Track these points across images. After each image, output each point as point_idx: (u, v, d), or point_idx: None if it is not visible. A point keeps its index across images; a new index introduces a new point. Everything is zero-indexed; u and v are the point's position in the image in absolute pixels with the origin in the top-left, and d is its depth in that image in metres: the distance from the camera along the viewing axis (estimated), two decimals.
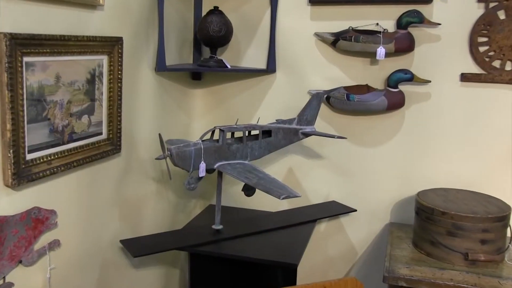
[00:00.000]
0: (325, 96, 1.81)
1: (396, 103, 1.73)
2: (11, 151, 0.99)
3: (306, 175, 1.95)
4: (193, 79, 1.97)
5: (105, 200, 1.44)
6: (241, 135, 1.55)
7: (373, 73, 1.80)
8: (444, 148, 1.77)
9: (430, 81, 1.72)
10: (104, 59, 1.33)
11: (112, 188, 1.46)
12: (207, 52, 1.86)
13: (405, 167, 1.83)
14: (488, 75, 1.66)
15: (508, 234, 1.45)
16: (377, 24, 1.71)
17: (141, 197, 1.64)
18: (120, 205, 1.52)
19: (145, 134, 1.62)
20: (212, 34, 1.72)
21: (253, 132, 1.64)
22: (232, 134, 1.61)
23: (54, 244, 1.17)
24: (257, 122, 1.66)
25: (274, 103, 1.93)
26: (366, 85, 1.79)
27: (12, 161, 0.99)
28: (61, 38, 1.12)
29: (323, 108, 1.86)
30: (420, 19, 1.64)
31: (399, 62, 1.76)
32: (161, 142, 1.44)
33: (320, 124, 1.84)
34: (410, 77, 1.71)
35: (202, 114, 2.03)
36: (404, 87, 1.76)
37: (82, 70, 1.25)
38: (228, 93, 1.99)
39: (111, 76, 1.36)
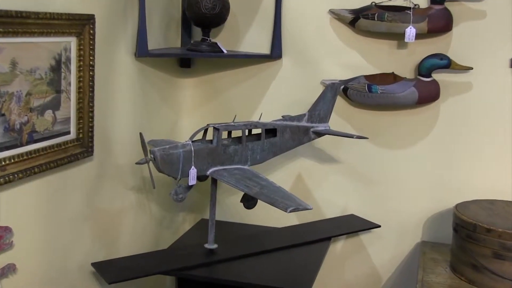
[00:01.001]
0: (342, 87, 1.79)
1: (428, 95, 1.72)
2: None
3: (318, 183, 1.94)
4: (181, 66, 1.96)
5: (74, 214, 1.42)
6: (240, 134, 1.54)
7: (400, 59, 1.78)
8: (488, 151, 1.75)
9: (471, 68, 1.70)
10: (72, 41, 1.30)
11: (82, 200, 1.45)
12: (199, 34, 1.84)
13: (440, 174, 1.81)
14: None
15: None
16: None
17: (117, 210, 1.63)
18: (92, 220, 1.50)
19: (123, 133, 1.61)
20: (204, 11, 1.70)
21: (254, 131, 1.62)
22: (229, 133, 1.60)
23: (8, 269, 1.13)
24: (259, 119, 1.65)
25: (279, 95, 1.92)
26: (392, 73, 1.78)
27: None
28: (17, 15, 1.08)
29: (340, 102, 1.84)
30: None
31: (433, 45, 1.73)
32: (142, 143, 1.43)
33: (335, 122, 1.82)
34: (446, 64, 1.69)
35: (192, 109, 2.01)
36: (439, 76, 1.73)
37: (44, 55, 1.22)
38: (224, 83, 1.97)
39: (81, 63, 1.34)
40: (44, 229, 1.31)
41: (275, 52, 1.84)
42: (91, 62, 1.36)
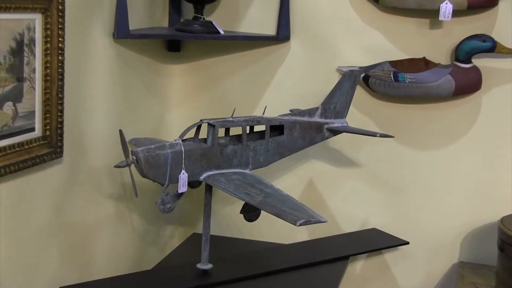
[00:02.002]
0: (363, 75, 1.79)
1: (468, 85, 1.72)
2: None
3: (334, 190, 1.94)
4: (169, 50, 1.96)
5: (39, 228, 1.41)
6: (240, 132, 1.53)
7: (434, 41, 1.78)
8: None
9: None
10: (37, 19, 1.29)
11: (49, 210, 1.44)
12: (190, 11, 1.84)
13: (482, 180, 1.81)
14: None
15: None
16: None
17: (92, 223, 1.62)
18: (61, 235, 1.49)
19: (99, 130, 1.60)
20: None
21: (257, 128, 1.62)
22: (227, 130, 1.59)
23: None
24: (263, 114, 1.64)
25: (287, 85, 1.92)
26: (423, 58, 1.77)
27: None
28: None
29: (360, 93, 1.84)
30: None
31: (473, 24, 1.73)
32: (122, 142, 1.43)
33: (354, 117, 1.82)
34: (490, 47, 1.68)
35: (182, 101, 2.01)
36: (480, 62, 1.73)
37: (2, 35, 1.21)
38: (220, 70, 1.97)
39: (48, 45, 1.33)
40: (3, 246, 1.30)
41: (282, 33, 1.84)
42: (60, 45, 1.35)
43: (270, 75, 1.92)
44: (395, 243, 1.85)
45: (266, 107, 1.67)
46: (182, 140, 1.45)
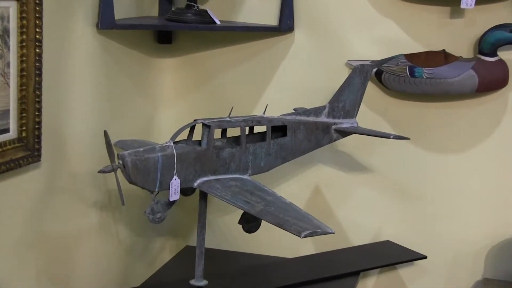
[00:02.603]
0: (375, 70, 1.80)
1: (493, 80, 1.72)
2: None
3: (342, 198, 1.95)
4: (159, 42, 1.97)
5: (14, 240, 1.41)
6: (238, 133, 1.54)
7: (454, 32, 1.79)
8: None
9: None
10: (11, 7, 1.29)
11: (25, 220, 1.44)
12: None
13: (509, 188, 1.81)
14: None
15: None
16: None
17: (73, 234, 1.62)
18: (39, 248, 1.49)
19: (82, 131, 1.61)
20: None
21: (257, 129, 1.62)
22: (223, 132, 1.60)
23: None
24: (264, 113, 1.64)
25: (291, 81, 1.93)
26: (443, 51, 1.78)
27: None
28: None
29: (372, 89, 1.85)
30: None
31: (499, 13, 1.73)
32: (107, 144, 1.43)
33: (366, 116, 1.82)
34: None
35: (174, 98, 2.02)
36: (507, 54, 1.73)
37: None
38: (216, 65, 1.98)
39: (24, 36, 1.33)
40: None
41: (285, 24, 1.84)
42: (37, 36, 1.35)
43: (272, 70, 1.93)
44: (411, 257, 1.85)
45: (267, 105, 1.67)
46: (174, 143, 1.45)
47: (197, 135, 1.52)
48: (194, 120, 1.52)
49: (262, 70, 1.93)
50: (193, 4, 1.77)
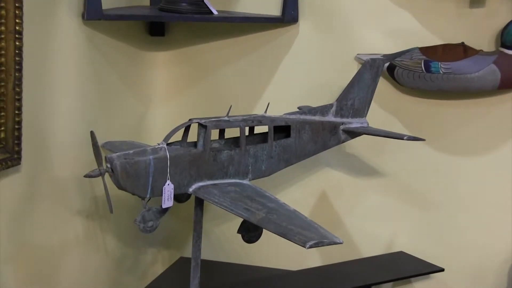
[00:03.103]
0: (387, 65, 1.81)
1: None
2: None
3: (352, 205, 1.96)
4: (151, 34, 1.98)
5: None
6: (238, 134, 1.54)
7: (474, 23, 1.79)
8: None
9: None
10: None
11: (4, 229, 1.44)
12: None
13: None
14: None
15: None
16: None
17: (57, 244, 1.63)
18: (19, 260, 1.50)
19: (66, 132, 1.62)
20: None
21: (258, 130, 1.63)
22: (221, 132, 1.61)
23: None
24: (265, 112, 1.64)
25: (295, 77, 1.94)
26: (462, 44, 1.78)
27: None
28: None
29: (384, 86, 1.86)
30: None
31: None
32: (94, 146, 1.43)
33: (377, 115, 1.83)
34: None
35: (167, 96, 2.03)
36: None
37: None
38: (213, 59, 1.99)
39: (2, 28, 1.32)
40: None
41: (289, 14, 1.85)
42: (17, 27, 1.35)
43: (274, 65, 1.93)
44: (427, 269, 1.85)
45: (269, 104, 1.67)
46: (167, 144, 1.46)
47: (192, 136, 1.53)
48: (189, 120, 1.52)
49: (264, 65, 1.94)
50: None
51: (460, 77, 1.73)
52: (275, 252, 1.93)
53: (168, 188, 1.43)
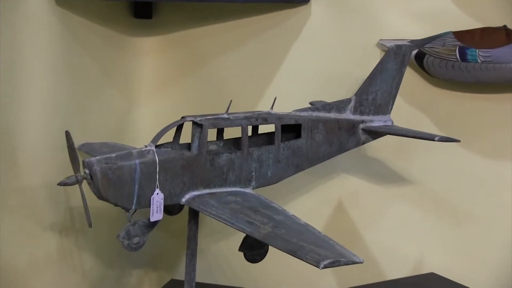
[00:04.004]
0: (415, 52, 1.81)
1: None
2: None
3: (373, 217, 1.97)
4: (136, 16, 1.99)
5: None
6: (239, 134, 1.54)
7: None
8: None
9: None
10: None
11: None
12: None
13: None
14: None
15: None
16: None
17: (27, 264, 1.63)
18: None
19: (37, 134, 1.62)
20: None
21: (263, 129, 1.63)
22: (220, 132, 1.61)
23: None
24: (272, 108, 1.65)
25: (306, 67, 1.94)
26: (504, 28, 1.78)
27: None
28: None
29: (410, 77, 1.86)
30: None
31: None
32: (70, 149, 1.42)
33: (403, 112, 1.83)
34: None
35: (154, 89, 2.04)
36: None
37: None
38: (209, 46, 2.00)
39: None
40: None
41: None
42: None
43: (282, 52, 1.94)
44: None
45: (275, 98, 1.67)
46: (156, 146, 1.46)
47: (185, 137, 1.53)
48: (182, 118, 1.52)
49: (269, 52, 1.94)
50: None
51: (501, 67, 1.73)
52: (283, 274, 1.93)
53: (157, 198, 1.44)
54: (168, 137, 1.51)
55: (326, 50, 1.91)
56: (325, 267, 1.26)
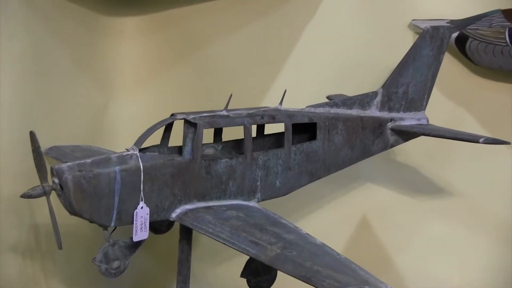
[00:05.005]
0: (455, 35, 1.82)
1: None
2: None
3: (405, 236, 1.97)
4: None
5: None
6: (241, 136, 1.54)
7: None
8: None
9: None
10: None
11: None
12: None
13: None
14: None
15: None
16: None
17: None
18: None
19: None
20: None
21: (270, 129, 1.64)
22: (217, 133, 1.62)
23: None
24: (281, 104, 1.65)
25: (322, 53, 1.95)
26: None
27: None
28: None
29: (450, 65, 1.86)
30: None
31: None
32: (35, 153, 1.43)
33: (440, 108, 1.84)
34: None
35: (137, 81, 2.05)
36: None
37: None
38: (204, 28, 2.00)
39: None
40: None
41: None
42: None
43: (293, 36, 1.94)
44: None
45: (285, 91, 1.67)
46: (140, 150, 1.46)
47: (176, 139, 1.54)
48: (172, 115, 1.52)
49: (278, 35, 1.95)
50: None
51: None
52: None
53: (142, 213, 1.44)
54: (155, 139, 1.52)
55: (347, 33, 1.92)
56: None
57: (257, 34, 1.97)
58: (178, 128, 1.53)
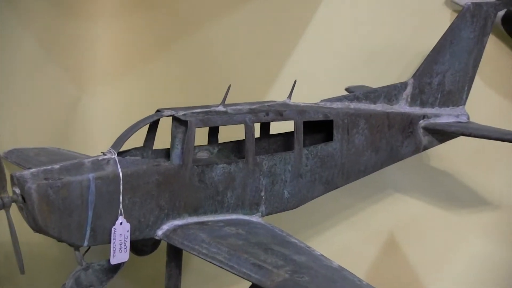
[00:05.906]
0: (502, 14, 1.83)
1: None
2: None
3: (441, 257, 1.99)
4: None
5: None
6: (241, 136, 1.55)
7: None
8: None
9: None
10: None
11: None
12: None
13: None
14: None
15: None
16: None
17: None
18: None
19: None
20: None
21: (276, 128, 1.65)
22: (213, 133, 1.64)
23: None
24: (289, 97, 1.66)
25: (339, 37, 1.97)
26: None
27: None
28: None
29: (495, 50, 1.88)
30: None
31: None
32: None
33: (484, 103, 1.86)
34: None
35: (116, 69, 2.07)
36: None
37: None
38: (196, 7, 2.03)
39: None
40: None
41: None
42: None
43: (304, 15, 1.96)
44: None
45: (295, 82, 1.68)
46: (119, 154, 1.47)
47: (163, 140, 1.55)
48: (157, 111, 1.53)
49: (286, 16, 1.96)
50: None
51: None
52: None
53: (121, 230, 1.45)
54: (137, 140, 1.53)
55: (369, 12, 1.94)
56: None
57: (260, 14, 1.99)
58: (165, 127, 1.54)
